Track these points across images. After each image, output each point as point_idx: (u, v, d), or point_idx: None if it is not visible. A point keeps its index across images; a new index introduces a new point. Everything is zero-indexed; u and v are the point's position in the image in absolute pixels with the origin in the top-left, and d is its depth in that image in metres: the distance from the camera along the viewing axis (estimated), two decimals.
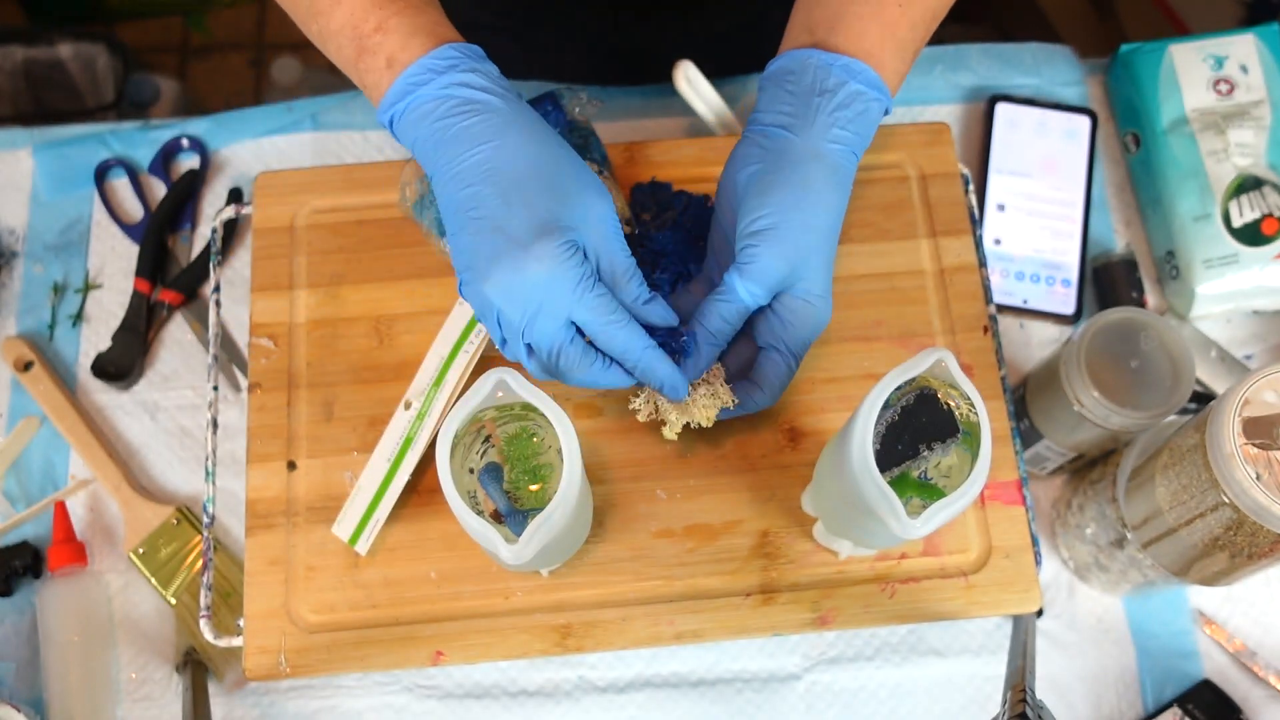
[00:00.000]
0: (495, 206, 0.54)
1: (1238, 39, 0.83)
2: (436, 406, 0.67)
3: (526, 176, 0.55)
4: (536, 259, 0.53)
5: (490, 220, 0.54)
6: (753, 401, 0.62)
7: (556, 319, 0.55)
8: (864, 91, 0.60)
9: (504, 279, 0.54)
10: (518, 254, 0.54)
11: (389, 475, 0.66)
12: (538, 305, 0.55)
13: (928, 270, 0.73)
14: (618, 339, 0.57)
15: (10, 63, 1.45)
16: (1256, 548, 0.58)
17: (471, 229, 0.55)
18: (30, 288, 0.84)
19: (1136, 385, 0.68)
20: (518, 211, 0.54)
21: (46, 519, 0.78)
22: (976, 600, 0.66)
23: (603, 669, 0.74)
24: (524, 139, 0.56)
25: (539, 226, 0.54)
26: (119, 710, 0.74)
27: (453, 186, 0.56)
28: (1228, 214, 0.79)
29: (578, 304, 0.55)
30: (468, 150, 0.55)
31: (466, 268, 0.56)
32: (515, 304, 0.55)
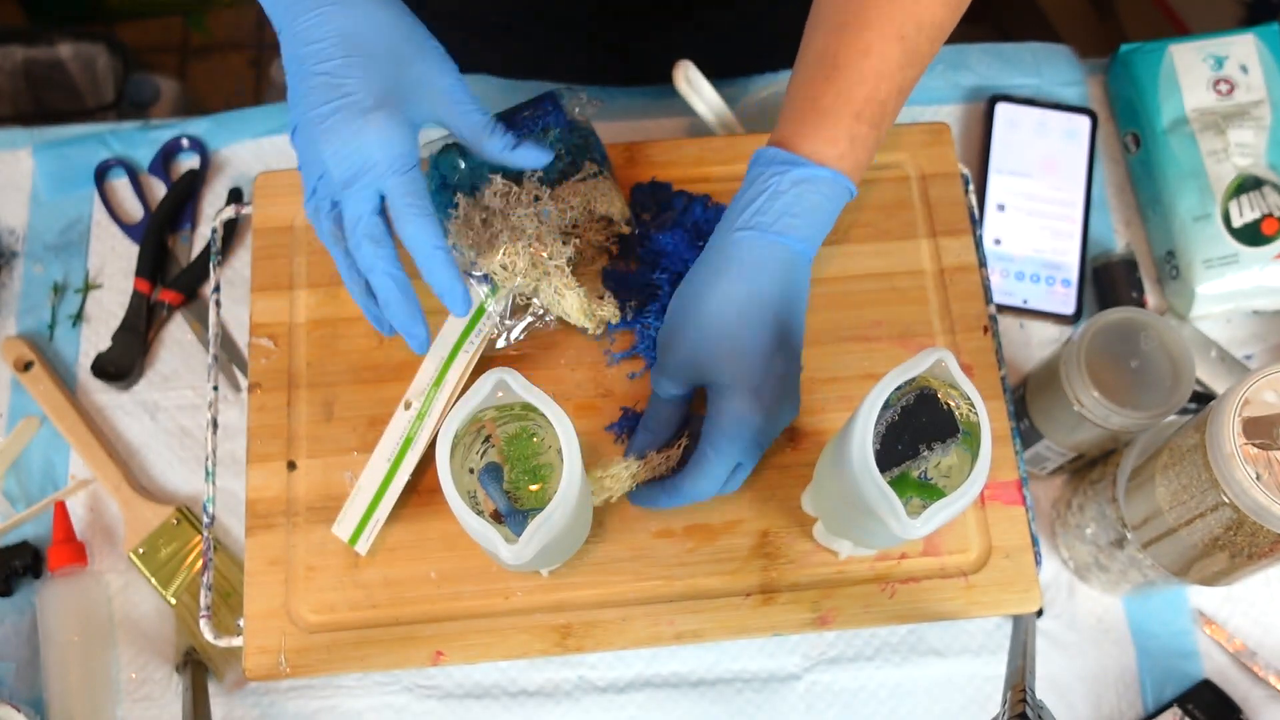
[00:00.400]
0: (338, 65, 0.56)
1: (1238, 39, 0.83)
2: (436, 406, 0.67)
3: (372, 41, 0.57)
4: (373, 125, 0.56)
5: (333, 77, 0.56)
6: (676, 488, 0.62)
7: (370, 186, 0.57)
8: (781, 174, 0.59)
9: (338, 137, 0.56)
10: (356, 117, 0.56)
11: (389, 475, 0.66)
12: (359, 169, 0.56)
13: (928, 270, 0.73)
14: (413, 224, 0.57)
15: (10, 63, 1.45)
16: (1256, 548, 0.58)
17: (314, 83, 0.56)
18: (30, 288, 0.84)
19: (1136, 385, 0.68)
20: (359, 74, 0.56)
21: (46, 519, 0.78)
22: (976, 600, 0.66)
23: (603, 669, 0.74)
24: (372, 5, 0.57)
25: (382, 94, 0.56)
26: (119, 710, 0.74)
27: (298, 42, 0.57)
28: (1228, 214, 0.79)
29: (392, 177, 0.57)
30: (316, 7, 0.56)
31: (302, 118, 0.57)
32: (341, 163, 0.56)
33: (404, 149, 0.57)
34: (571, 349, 0.71)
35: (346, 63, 0.56)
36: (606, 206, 0.69)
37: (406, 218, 0.57)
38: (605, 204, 0.69)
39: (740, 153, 0.74)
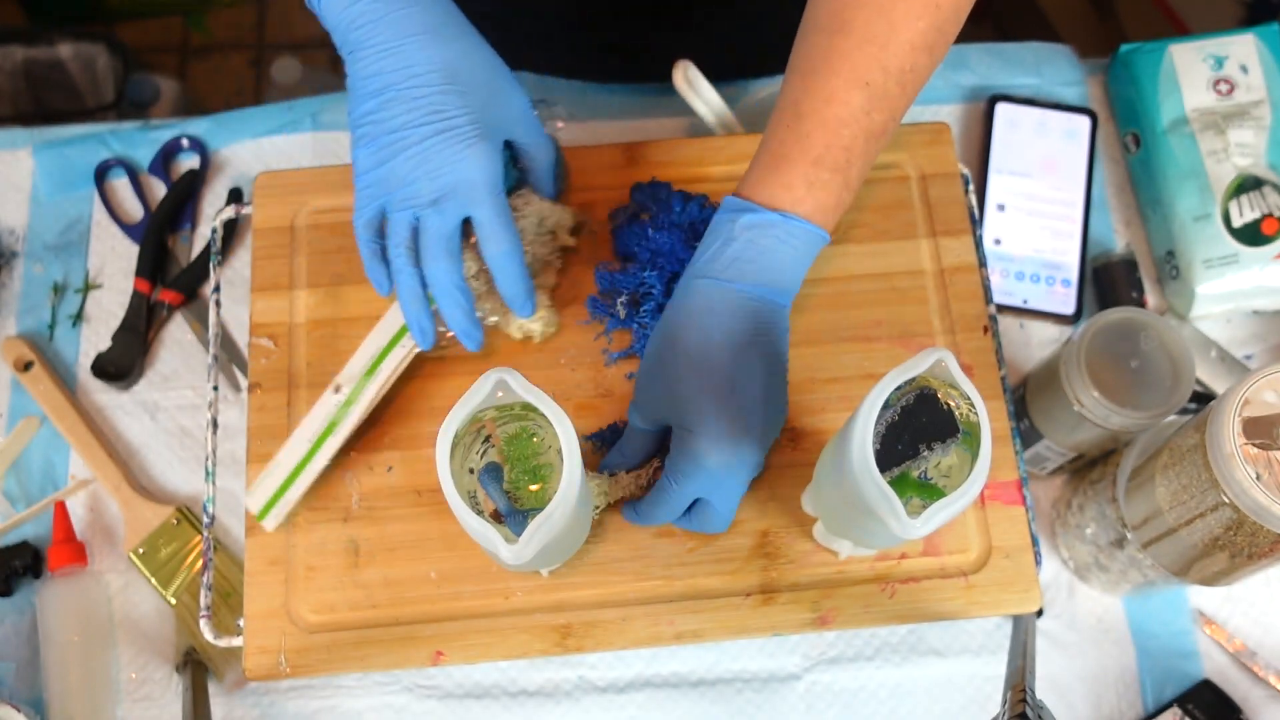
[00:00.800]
0: (437, 93, 0.59)
1: (1238, 39, 0.83)
2: (365, 395, 0.66)
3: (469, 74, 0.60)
4: (475, 150, 0.59)
5: (430, 104, 0.59)
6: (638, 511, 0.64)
7: (462, 206, 0.60)
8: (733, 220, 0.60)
9: (439, 157, 0.59)
10: (458, 142, 0.59)
11: (308, 456, 0.65)
12: (453, 188, 0.60)
13: (928, 270, 0.73)
14: (504, 244, 0.62)
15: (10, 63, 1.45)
16: (1256, 548, 0.58)
17: (407, 105, 0.59)
18: (30, 288, 0.84)
19: (1136, 385, 0.68)
20: (457, 103, 0.59)
21: (46, 519, 0.78)
22: (976, 600, 0.66)
23: (603, 669, 0.74)
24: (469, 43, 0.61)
25: (482, 123, 0.60)
26: (119, 710, 0.74)
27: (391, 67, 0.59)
28: (1228, 214, 0.79)
29: (488, 198, 0.60)
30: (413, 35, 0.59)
31: (386, 134, 0.60)
32: (436, 181, 0.60)
33: (498, 173, 0.61)
34: (572, 349, 0.71)
35: (444, 91, 0.59)
36: (556, 218, 0.69)
37: (498, 237, 0.62)
38: (555, 216, 0.69)
39: (740, 153, 0.74)
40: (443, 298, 0.62)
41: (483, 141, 0.60)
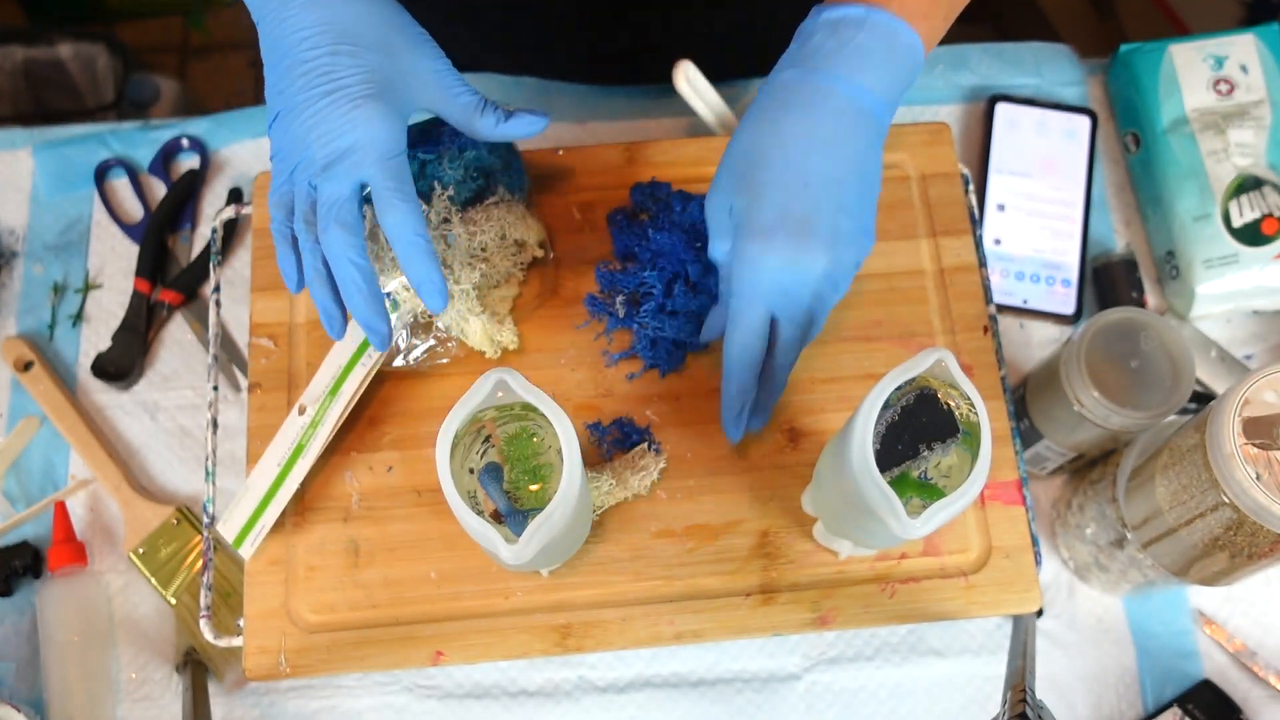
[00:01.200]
0: (326, 54, 0.55)
1: (1238, 39, 0.83)
2: (330, 416, 0.65)
3: (362, 32, 0.56)
4: (363, 110, 0.55)
5: (322, 65, 0.55)
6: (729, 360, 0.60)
7: (353, 169, 0.55)
8: (813, 19, 0.57)
9: (326, 121, 0.55)
10: (345, 103, 0.55)
11: (278, 480, 0.65)
12: (344, 151, 0.55)
13: (928, 270, 0.73)
14: (396, 211, 0.55)
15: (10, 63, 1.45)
16: (1256, 548, 0.58)
17: (302, 70, 0.55)
18: (30, 288, 0.84)
19: (1136, 385, 0.68)
20: (348, 62, 0.55)
21: (46, 519, 0.78)
22: (976, 600, 0.66)
23: (603, 669, 0.74)
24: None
25: (373, 82, 0.55)
26: (119, 710, 0.74)
27: (284, 31, 0.56)
28: (1228, 214, 0.79)
29: (378, 162, 0.55)
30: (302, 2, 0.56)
31: (286, 105, 0.56)
32: (326, 145, 0.55)
33: (392, 135, 0.56)
34: (572, 349, 0.71)
35: (335, 51, 0.55)
36: (520, 232, 0.69)
37: (390, 203, 0.55)
38: (518, 229, 0.68)
39: None
40: (339, 274, 0.56)
41: (374, 101, 0.55)
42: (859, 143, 0.57)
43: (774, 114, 0.57)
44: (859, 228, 0.58)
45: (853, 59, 0.56)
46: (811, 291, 0.58)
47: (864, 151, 0.57)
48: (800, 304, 0.58)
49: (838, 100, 0.56)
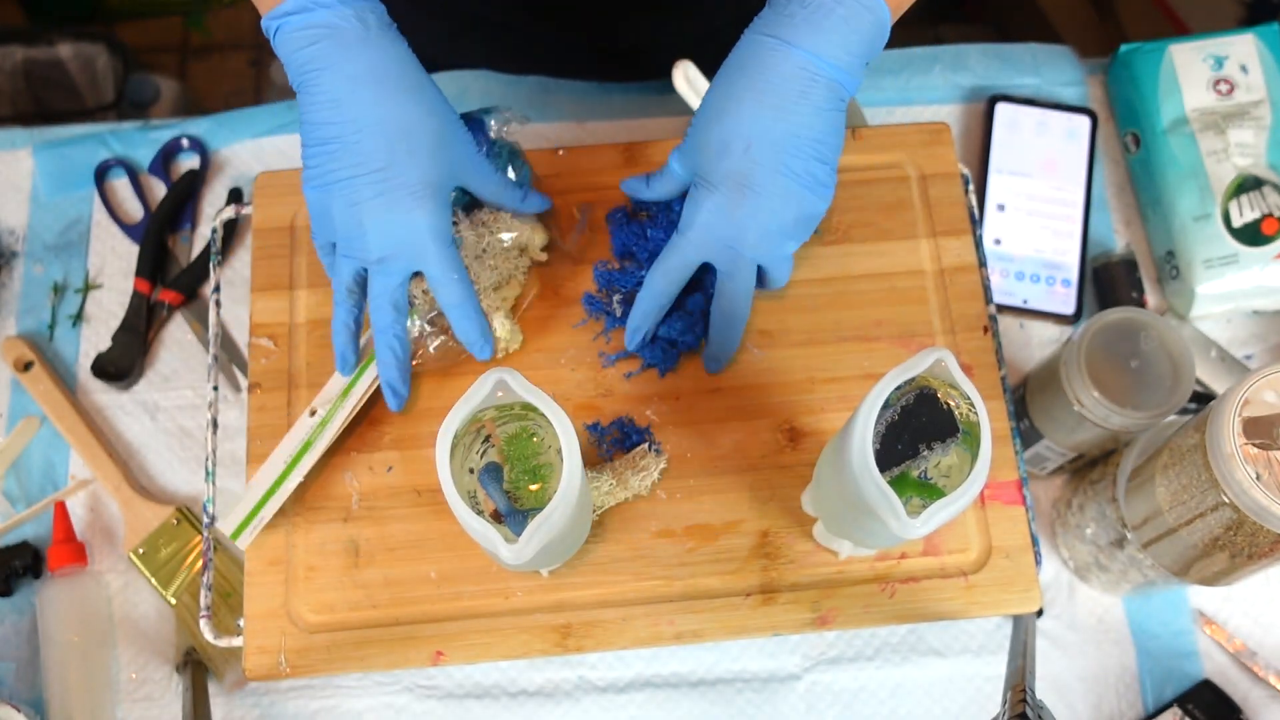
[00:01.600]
0: (381, 153, 0.58)
1: (1238, 39, 0.83)
2: (339, 416, 0.67)
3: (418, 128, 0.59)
4: (422, 210, 0.59)
5: (376, 163, 0.58)
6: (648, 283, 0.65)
7: (409, 264, 0.61)
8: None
9: (387, 215, 0.59)
10: (406, 199, 0.59)
11: (282, 476, 0.66)
12: (400, 247, 0.60)
13: (928, 270, 0.73)
14: (453, 288, 0.62)
15: (10, 63, 1.45)
16: (1256, 548, 0.58)
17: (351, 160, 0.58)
18: (30, 288, 0.84)
19: (1136, 385, 0.68)
20: (404, 162, 0.59)
21: (46, 519, 0.78)
22: (976, 600, 0.66)
23: (603, 669, 0.74)
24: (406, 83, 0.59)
25: (429, 180, 0.59)
26: (119, 710, 0.74)
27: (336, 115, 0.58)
28: (1228, 214, 0.79)
29: (437, 255, 0.61)
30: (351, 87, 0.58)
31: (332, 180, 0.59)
32: (385, 240, 0.60)
33: (444, 226, 0.61)
34: (572, 349, 0.71)
35: (391, 150, 0.58)
36: (525, 234, 0.69)
37: (447, 284, 0.62)
38: (523, 232, 0.69)
39: None
40: (381, 345, 0.64)
41: (430, 199, 0.60)
42: (807, 106, 0.58)
43: (731, 75, 0.60)
44: (804, 186, 0.60)
45: (813, 25, 0.57)
46: (749, 245, 0.61)
47: (813, 114, 0.59)
48: (738, 256, 0.62)
49: (790, 65, 0.58)
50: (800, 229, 0.62)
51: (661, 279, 0.64)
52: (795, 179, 0.60)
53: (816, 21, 0.57)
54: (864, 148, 0.75)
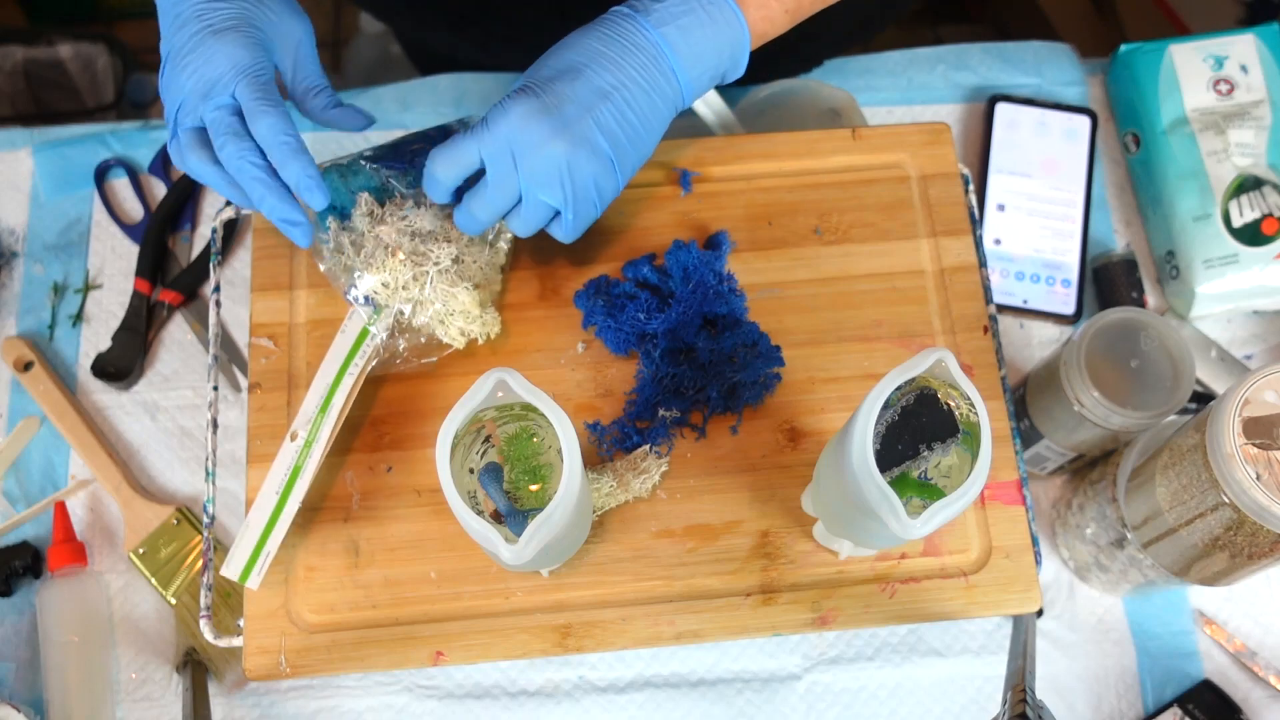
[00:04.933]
0: (201, 4, 0.61)
1: (1238, 39, 0.83)
2: (323, 434, 0.65)
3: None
4: (224, 41, 0.60)
5: (197, 13, 0.61)
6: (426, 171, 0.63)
7: (225, 92, 0.60)
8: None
9: (196, 58, 0.60)
10: (210, 38, 0.60)
11: (278, 507, 0.64)
12: (215, 79, 0.60)
13: (928, 270, 0.73)
14: (264, 120, 0.59)
15: (10, 63, 1.45)
16: (1256, 548, 0.58)
17: (179, 24, 0.61)
18: (30, 288, 0.84)
19: (1136, 385, 0.68)
20: (220, 7, 0.61)
21: (46, 519, 0.78)
22: (976, 600, 0.66)
23: (603, 669, 0.74)
24: None
25: (238, 19, 0.61)
26: (119, 710, 0.74)
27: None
28: (1228, 214, 0.79)
29: (242, 79, 0.60)
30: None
31: (167, 57, 0.62)
32: (200, 80, 0.60)
33: (253, 58, 0.61)
34: (571, 349, 0.71)
35: (210, 2, 0.61)
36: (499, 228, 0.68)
37: (257, 114, 0.60)
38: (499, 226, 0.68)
39: (740, 153, 0.75)
40: (245, 182, 0.61)
41: (234, 31, 0.60)
42: (641, 80, 0.60)
43: (586, 29, 0.61)
44: (607, 152, 0.60)
45: (672, 16, 0.60)
46: (531, 168, 0.59)
47: (643, 93, 0.60)
48: (513, 171, 0.60)
49: (640, 40, 0.60)
50: (568, 184, 0.60)
51: (442, 167, 0.62)
52: (597, 131, 0.59)
53: (679, 15, 0.59)
54: (864, 148, 0.75)
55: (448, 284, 0.66)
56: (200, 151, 0.61)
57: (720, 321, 0.69)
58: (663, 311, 0.68)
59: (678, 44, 0.60)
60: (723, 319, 0.69)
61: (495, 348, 0.70)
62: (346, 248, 0.66)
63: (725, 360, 0.68)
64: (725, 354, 0.68)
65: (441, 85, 0.89)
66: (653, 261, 0.71)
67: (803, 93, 0.85)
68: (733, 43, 0.61)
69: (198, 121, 0.61)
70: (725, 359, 0.68)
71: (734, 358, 0.68)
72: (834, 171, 0.75)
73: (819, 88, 0.85)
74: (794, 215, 0.74)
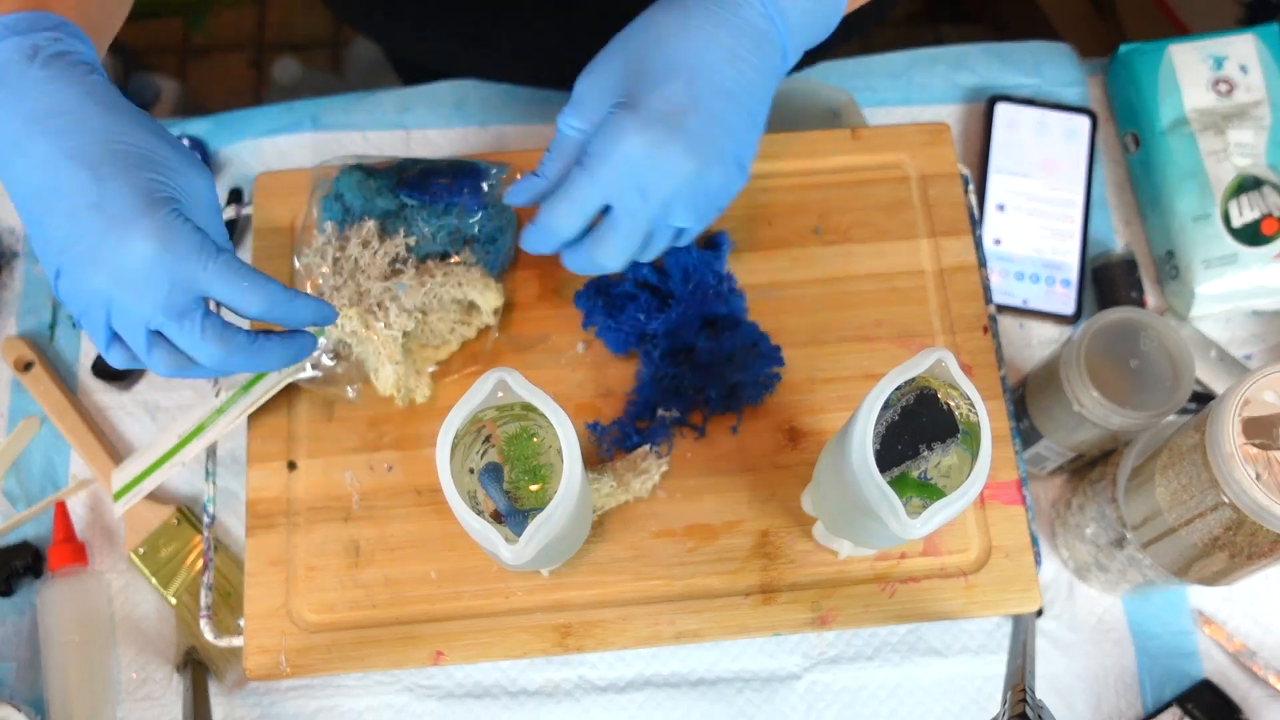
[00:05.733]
0: (86, 183, 0.48)
1: (1237, 39, 0.83)
2: (235, 409, 0.65)
3: (119, 150, 0.49)
4: (150, 234, 0.48)
5: (84, 198, 0.48)
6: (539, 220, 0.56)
7: (187, 294, 0.50)
8: None
9: (115, 262, 0.48)
10: (124, 232, 0.48)
11: (172, 452, 0.64)
12: (162, 284, 0.49)
13: (928, 270, 0.73)
14: (258, 297, 0.52)
15: None
16: (1256, 548, 0.58)
17: (61, 210, 0.48)
18: (31, 288, 0.84)
19: (1136, 385, 0.68)
20: (114, 186, 0.48)
21: (47, 519, 0.78)
22: (976, 600, 0.66)
23: (603, 669, 0.74)
24: (109, 111, 0.50)
25: (144, 199, 0.48)
26: (119, 710, 0.74)
27: (24, 165, 0.49)
28: (1227, 214, 0.79)
29: (204, 272, 0.50)
30: (42, 123, 0.48)
31: (61, 256, 0.49)
32: (134, 288, 0.49)
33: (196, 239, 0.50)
34: (571, 349, 0.71)
35: (97, 178, 0.48)
36: (475, 294, 0.67)
37: (245, 297, 0.51)
38: (473, 291, 0.67)
39: None
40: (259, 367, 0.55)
41: (155, 211, 0.49)
42: (759, 65, 0.53)
43: (683, 6, 0.53)
44: (735, 155, 0.54)
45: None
46: (662, 197, 0.53)
47: (760, 78, 0.54)
48: (644, 205, 0.54)
49: (750, 14, 0.53)
50: (701, 202, 0.54)
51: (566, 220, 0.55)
52: (734, 142, 0.53)
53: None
54: (864, 148, 0.75)
55: (386, 352, 0.65)
56: (175, 356, 0.52)
57: (720, 322, 0.69)
58: (663, 312, 0.68)
59: (792, 17, 0.53)
60: (722, 319, 0.69)
61: (497, 347, 0.70)
62: (328, 256, 0.66)
63: (725, 360, 0.68)
64: (725, 354, 0.68)
65: (441, 90, 0.89)
66: (653, 262, 0.71)
67: (803, 93, 0.85)
68: (835, 9, 0.55)
69: (161, 325, 0.51)
70: (725, 359, 0.68)
71: (734, 358, 0.68)
72: (834, 171, 0.75)
73: (819, 88, 0.85)
74: (794, 215, 0.74)
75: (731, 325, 0.69)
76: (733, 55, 0.53)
